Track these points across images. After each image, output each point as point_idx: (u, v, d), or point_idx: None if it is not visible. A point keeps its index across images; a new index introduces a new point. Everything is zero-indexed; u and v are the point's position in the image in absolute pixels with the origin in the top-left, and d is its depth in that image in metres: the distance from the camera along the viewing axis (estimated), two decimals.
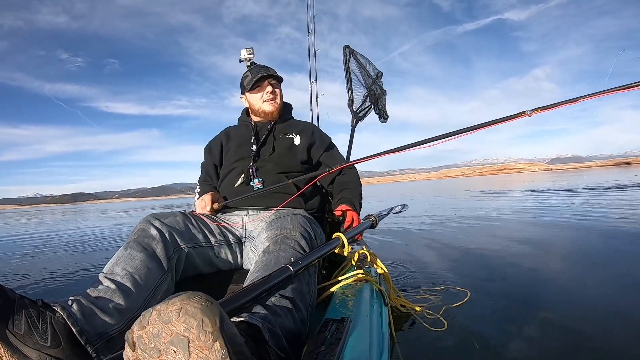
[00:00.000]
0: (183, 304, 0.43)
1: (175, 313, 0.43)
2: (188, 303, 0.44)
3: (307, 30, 2.47)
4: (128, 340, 0.47)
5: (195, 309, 0.43)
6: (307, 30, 2.47)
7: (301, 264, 0.83)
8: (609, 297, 1.66)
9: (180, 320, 0.43)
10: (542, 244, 2.97)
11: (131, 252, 0.94)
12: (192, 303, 0.44)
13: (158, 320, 0.44)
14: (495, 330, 1.37)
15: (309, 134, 1.47)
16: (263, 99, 1.43)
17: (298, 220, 1.04)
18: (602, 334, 1.28)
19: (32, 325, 0.65)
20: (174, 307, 0.43)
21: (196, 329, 0.43)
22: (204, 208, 1.27)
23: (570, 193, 8.32)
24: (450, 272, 2.24)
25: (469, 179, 76.12)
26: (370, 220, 1.40)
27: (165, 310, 0.44)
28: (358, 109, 1.99)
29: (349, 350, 0.64)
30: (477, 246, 3.05)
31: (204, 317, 0.43)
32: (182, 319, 0.43)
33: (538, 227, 3.91)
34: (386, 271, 1.29)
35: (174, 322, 0.43)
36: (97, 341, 0.73)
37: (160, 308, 0.44)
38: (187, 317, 0.43)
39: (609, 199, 6.44)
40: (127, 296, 0.84)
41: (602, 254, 2.52)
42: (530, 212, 5.44)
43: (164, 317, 0.43)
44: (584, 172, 37.25)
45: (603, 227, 3.53)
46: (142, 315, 0.46)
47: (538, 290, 1.83)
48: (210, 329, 0.43)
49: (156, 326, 0.44)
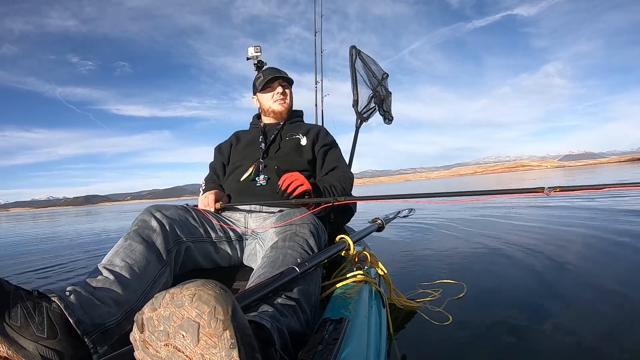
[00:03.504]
0: (197, 289, 0.43)
1: (188, 298, 0.42)
2: (202, 289, 0.43)
3: (314, 30, 2.48)
4: (137, 322, 0.46)
5: (209, 296, 0.43)
6: (314, 29, 2.48)
7: (307, 265, 0.83)
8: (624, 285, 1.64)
9: (192, 306, 0.42)
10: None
11: (131, 243, 0.94)
12: (206, 290, 0.43)
13: (170, 303, 0.43)
14: (500, 322, 1.37)
15: (314, 134, 1.50)
16: (273, 99, 1.49)
17: (308, 217, 1.05)
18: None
19: (28, 316, 0.65)
20: (188, 292, 0.43)
21: (208, 315, 0.42)
22: (207, 205, 1.26)
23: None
24: (448, 267, 2.22)
25: (480, 177, 75.47)
26: (377, 224, 1.40)
27: (179, 294, 0.43)
28: (363, 110, 1.99)
29: (346, 351, 0.63)
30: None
31: (217, 304, 0.43)
32: (195, 304, 0.42)
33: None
34: (386, 272, 1.29)
35: (186, 307, 0.42)
36: (94, 332, 0.72)
37: (174, 291, 0.44)
38: (200, 302, 0.42)
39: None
40: (125, 288, 0.83)
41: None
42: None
43: (177, 300, 0.43)
44: (597, 168, 37.10)
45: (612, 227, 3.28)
46: (155, 297, 0.45)
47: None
48: (222, 317, 0.43)
49: (168, 309, 0.43)
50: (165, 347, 0.44)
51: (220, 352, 0.43)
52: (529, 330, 1.28)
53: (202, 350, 0.43)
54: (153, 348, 0.45)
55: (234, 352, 0.43)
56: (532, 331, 1.28)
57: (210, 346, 0.43)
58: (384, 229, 1.43)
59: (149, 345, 0.45)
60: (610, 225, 3.29)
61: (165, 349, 0.44)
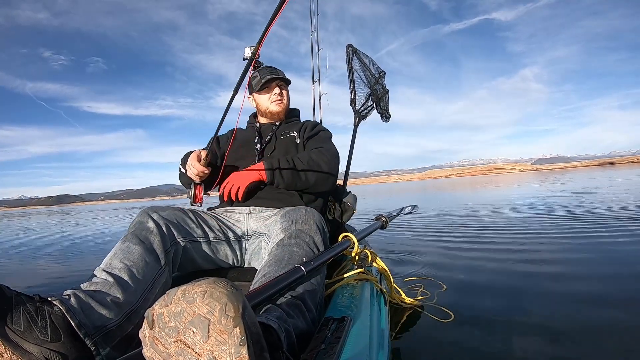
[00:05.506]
0: (209, 286, 0.43)
1: (200, 294, 0.43)
2: (214, 287, 0.44)
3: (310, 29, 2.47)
4: (147, 318, 0.47)
5: (220, 293, 0.43)
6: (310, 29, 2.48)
7: (313, 264, 0.84)
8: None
9: (204, 302, 0.43)
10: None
11: (129, 245, 0.94)
12: (218, 287, 0.44)
13: (182, 300, 0.44)
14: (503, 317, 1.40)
15: (304, 129, 1.49)
16: (271, 99, 1.47)
17: (313, 213, 1.05)
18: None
19: (31, 320, 0.65)
20: (200, 289, 0.43)
21: (219, 312, 0.42)
22: (194, 166, 1.23)
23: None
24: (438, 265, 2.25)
25: (454, 179, 76.62)
26: (381, 221, 1.41)
27: (190, 290, 0.43)
28: (360, 108, 1.99)
29: (348, 349, 0.64)
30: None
31: (229, 302, 0.43)
32: (207, 301, 0.43)
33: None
34: (387, 270, 1.29)
35: (197, 303, 0.43)
36: (96, 334, 0.73)
37: (186, 288, 0.44)
38: (211, 299, 0.43)
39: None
40: (125, 289, 0.84)
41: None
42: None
43: (189, 297, 0.43)
44: (568, 172, 37.80)
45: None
46: (167, 294, 0.46)
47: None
48: (233, 314, 0.43)
49: (179, 305, 0.44)
50: (174, 343, 0.44)
51: (230, 349, 0.43)
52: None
53: (212, 347, 0.44)
54: (162, 344, 0.45)
55: (243, 349, 0.43)
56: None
57: (220, 343, 0.43)
58: (387, 226, 1.44)
59: (159, 341, 0.45)
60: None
61: (174, 346, 0.45)
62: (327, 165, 1.30)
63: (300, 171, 1.25)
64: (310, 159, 1.28)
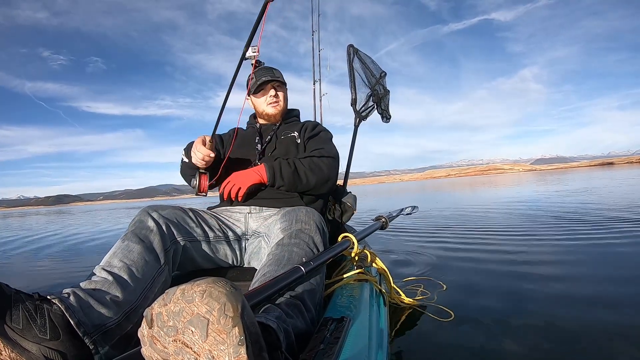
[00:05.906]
0: (208, 286, 0.43)
1: (199, 294, 0.43)
2: (213, 286, 0.44)
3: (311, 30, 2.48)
4: (146, 317, 0.47)
5: (219, 293, 0.43)
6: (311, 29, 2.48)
7: (312, 264, 0.84)
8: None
9: (203, 302, 0.43)
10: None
11: (128, 244, 0.94)
12: (217, 287, 0.44)
13: (181, 299, 0.44)
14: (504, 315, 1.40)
15: (304, 129, 1.48)
16: (267, 102, 1.46)
17: (313, 213, 1.05)
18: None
19: (30, 318, 0.65)
20: (199, 288, 0.43)
21: (218, 312, 0.42)
22: (199, 150, 1.23)
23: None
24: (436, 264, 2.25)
25: (453, 179, 76.84)
26: (381, 222, 1.40)
27: (190, 290, 0.43)
28: (361, 109, 1.99)
29: (347, 349, 0.64)
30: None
31: (228, 301, 0.43)
32: (206, 300, 0.43)
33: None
34: (386, 270, 1.29)
35: (196, 303, 0.43)
36: (95, 333, 0.73)
37: (185, 287, 0.44)
38: (210, 299, 0.43)
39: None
40: (124, 288, 0.84)
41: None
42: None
43: (188, 296, 0.43)
44: (567, 172, 37.80)
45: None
46: (166, 293, 0.46)
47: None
48: (232, 314, 0.43)
49: (178, 304, 0.44)
50: (173, 342, 0.44)
51: (228, 349, 0.43)
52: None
53: (210, 346, 0.43)
54: (161, 344, 0.45)
55: (242, 349, 0.43)
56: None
57: (219, 342, 0.43)
58: (387, 226, 1.43)
59: (157, 340, 0.45)
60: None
61: (173, 345, 0.45)
62: (328, 167, 1.31)
63: (301, 174, 1.26)
64: (311, 161, 1.29)
